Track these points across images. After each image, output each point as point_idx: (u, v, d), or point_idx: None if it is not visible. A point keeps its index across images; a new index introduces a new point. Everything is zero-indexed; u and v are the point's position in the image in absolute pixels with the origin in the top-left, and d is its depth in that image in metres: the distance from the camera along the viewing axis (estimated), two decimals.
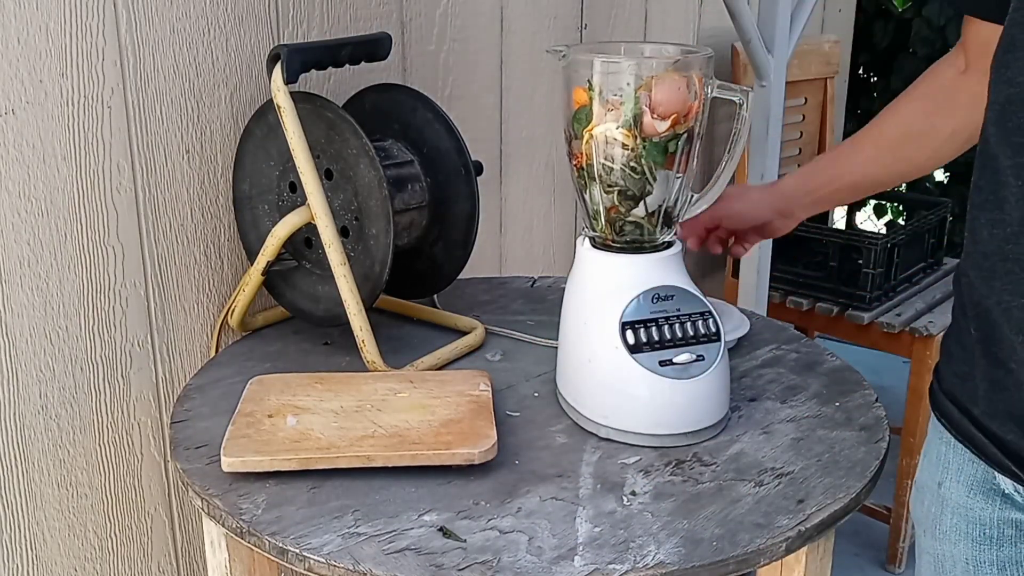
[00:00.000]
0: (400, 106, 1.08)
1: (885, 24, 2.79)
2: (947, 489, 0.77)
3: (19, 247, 0.93)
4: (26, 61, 0.90)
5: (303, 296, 1.05)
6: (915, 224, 2.07)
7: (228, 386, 0.96)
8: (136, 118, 1.00)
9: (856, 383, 0.97)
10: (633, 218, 0.88)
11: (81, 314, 0.99)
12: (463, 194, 1.06)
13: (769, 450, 0.85)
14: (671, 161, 0.85)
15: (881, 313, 1.93)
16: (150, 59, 1.00)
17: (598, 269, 0.88)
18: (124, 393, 1.05)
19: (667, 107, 0.83)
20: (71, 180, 0.96)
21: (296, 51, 0.95)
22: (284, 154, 0.99)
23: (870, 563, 2.06)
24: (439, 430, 0.82)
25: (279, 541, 0.71)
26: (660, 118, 0.83)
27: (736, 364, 1.00)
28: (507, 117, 1.48)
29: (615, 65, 0.84)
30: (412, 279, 1.12)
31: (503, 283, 1.27)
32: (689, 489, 0.78)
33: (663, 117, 0.83)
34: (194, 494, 0.79)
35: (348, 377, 0.92)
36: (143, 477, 1.09)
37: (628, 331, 0.83)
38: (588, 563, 0.69)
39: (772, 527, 0.73)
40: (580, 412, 0.88)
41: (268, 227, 1.01)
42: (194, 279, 1.09)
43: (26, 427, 0.97)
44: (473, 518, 0.74)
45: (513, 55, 1.46)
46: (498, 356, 1.04)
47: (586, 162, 0.87)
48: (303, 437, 0.81)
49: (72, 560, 1.04)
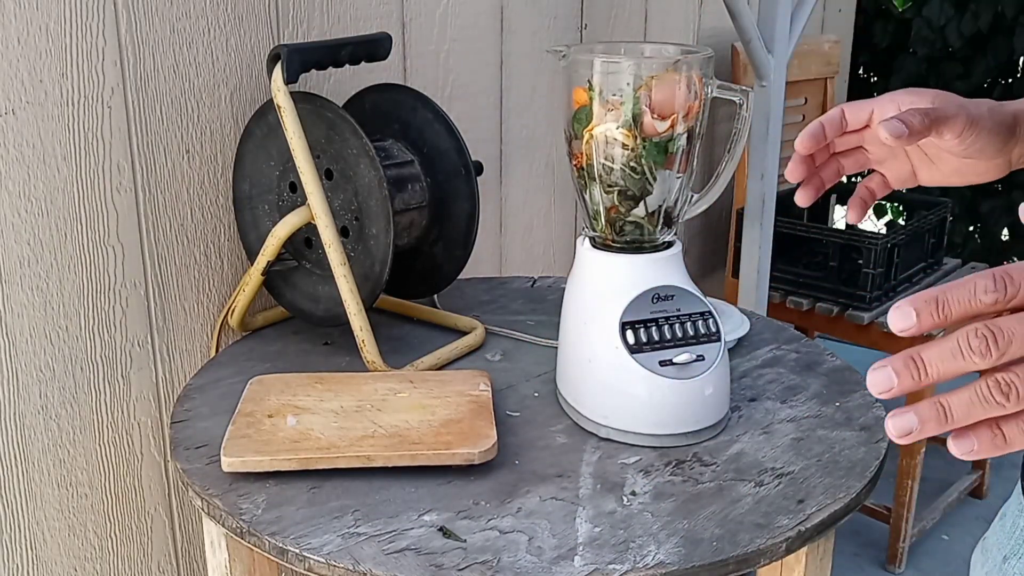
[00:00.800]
0: (400, 106, 1.08)
1: (885, 24, 2.79)
2: (1012, 567, 0.69)
3: (19, 247, 0.93)
4: (26, 61, 0.90)
5: (303, 296, 1.05)
6: (915, 224, 2.07)
7: (228, 386, 0.96)
8: (136, 118, 1.00)
9: (856, 383, 0.97)
10: (633, 218, 0.88)
11: (81, 314, 1.00)
12: (463, 194, 1.06)
13: (769, 450, 0.85)
14: (671, 161, 0.85)
15: (881, 313, 1.93)
16: (150, 59, 1.00)
17: (598, 269, 0.88)
18: (124, 393, 1.05)
19: (667, 107, 0.83)
20: (71, 180, 0.96)
21: (296, 51, 0.95)
22: (284, 154, 0.99)
23: (870, 563, 2.06)
24: (439, 430, 0.82)
25: (279, 541, 0.71)
26: (660, 118, 0.83)
27: (736, 364, 1.00)
28: (507, 117, 1.48)
29: (615, 65, 0.84)
30: (412, 279, 1.12)
31: (503, 283, 1.27)
32: (689, 489, 0.78)
33: (663, 117, 0.83)
34: (194, 494, 0.79)
35: (348, 377, 0.92)
36: (143, 477, 1.09)
37: (628, 331, 0.83)
38: (588, 563, 0.69)
39: (772, 527, 0.73)
40: (580, 412, 0.88)
41: (268, 227, 1.01)
42: (194, 279, 1.09)
43: (26, 427, 0.97)
44: (473, 518, 0.74)
45: (513, 55, 1.46)
46: (498, 356, 1.04)
47: (586, 162, 0.87)
48: (303, 437, 0.81)
49: (72, 560, 1.04)
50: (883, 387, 0.43)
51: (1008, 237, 3.02)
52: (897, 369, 0.43)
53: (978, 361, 0.42)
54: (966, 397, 0.43)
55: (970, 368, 0.43)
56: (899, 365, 0.43)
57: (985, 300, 0.42)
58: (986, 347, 0.42)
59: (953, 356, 0.42)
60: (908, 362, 0.43)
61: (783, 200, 1.91)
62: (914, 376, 0.43)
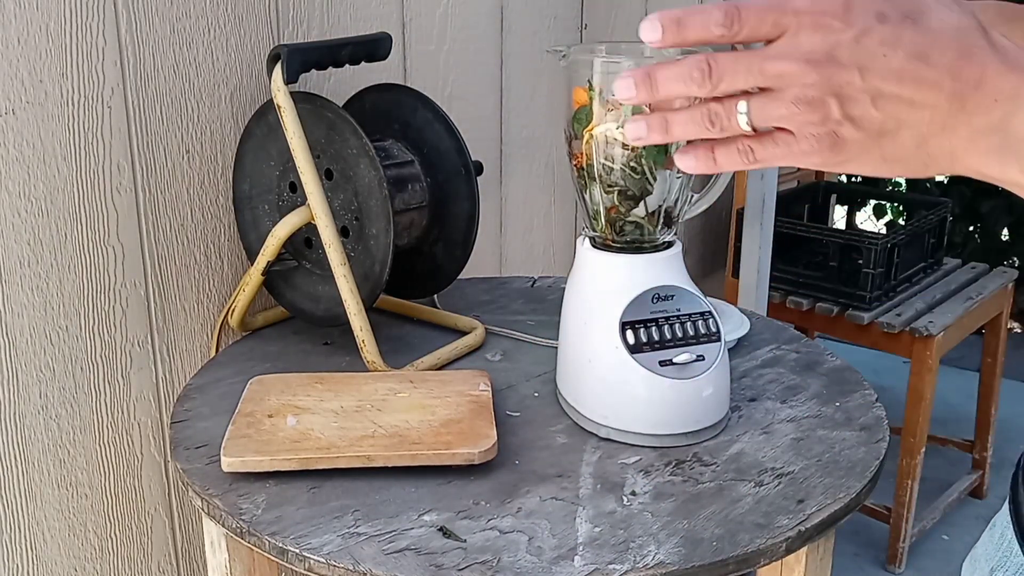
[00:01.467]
0: (400, 106, 1.08)
1: None
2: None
3: (19, 247, 0.93)
4: (26, 61, 0.90)
5: (303, 296, 1.05)
6: (915, 224, 2.07)
7: (228, 386, 0.96)
8: (136, 118, 1.00)
9: (856, 383, 0.97)
10: (633, 218, 0.88)
11: (81, 314, 1.00)
12: (463, 194, 1.06)
13: (769, 450, 0.85)
14: (671, 161, 0.85)
15: (881, 313, 1.93)
16: (150, 59, 1.00)
17: (598, 269, 0.88)
18: (124, 393, 1.05)
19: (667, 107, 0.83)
20: (71, 180, 0.96)
21: (296, 51, 0.95)
22: (284, 154, 0.99)
23: (870, 563, 2.06)
24: (439, 430, 0.82)
25: (279, 541, 0.71)
26: None
27: (736, 364, 1.00)
28: (507, 117, 1.48)
29: (615, 65, 0.84)
30: (412, 279, 1.12)
31: (503, 283, 1.27)
32: (689, 489, 0.78)
33: None
34: (194, 494, 0.79)
35: (348, 377, 0.92)
36: (143, 477, 1.09)
37: (628, 331, 0.83)
38: (588, 563, 0.69)
39: (772, 527, 0.73)
40: (580, 412, 0.88)
41: (268, 227, 1.01)
42: (194, 279, 1.09)
43: (26, 427, 0.97)
44: (473, 518, 0.74)
45: (513, 55, 1.46)
46: (498, 356, 1.04)
47: (586, 162, 0.87)
48: (303, 437, 0.81)
49: (72, 560, 1.04)
50: (625, 93, 0.51)
51: (1008, 237, 3.03)
52: (637, 79, 0.50)
53: (696, 89, 0.49)
54: (685, 116, 0.51)
55: (691, 92, 0.50)
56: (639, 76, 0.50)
57: (715, 32, 0.47)
58: (702, 77, 0.48)
59: (677, 79, 0.49)
60: (645, 77, 0.50)
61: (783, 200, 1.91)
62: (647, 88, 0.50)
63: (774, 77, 0.47)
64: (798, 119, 0.48)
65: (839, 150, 0.48)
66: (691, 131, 0.51)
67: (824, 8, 0.47)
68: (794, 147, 0.49)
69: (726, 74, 0.48)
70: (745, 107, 0.49)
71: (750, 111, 0.49)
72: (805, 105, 0.47)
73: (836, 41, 0.46)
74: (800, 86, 0.47)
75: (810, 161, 0.49)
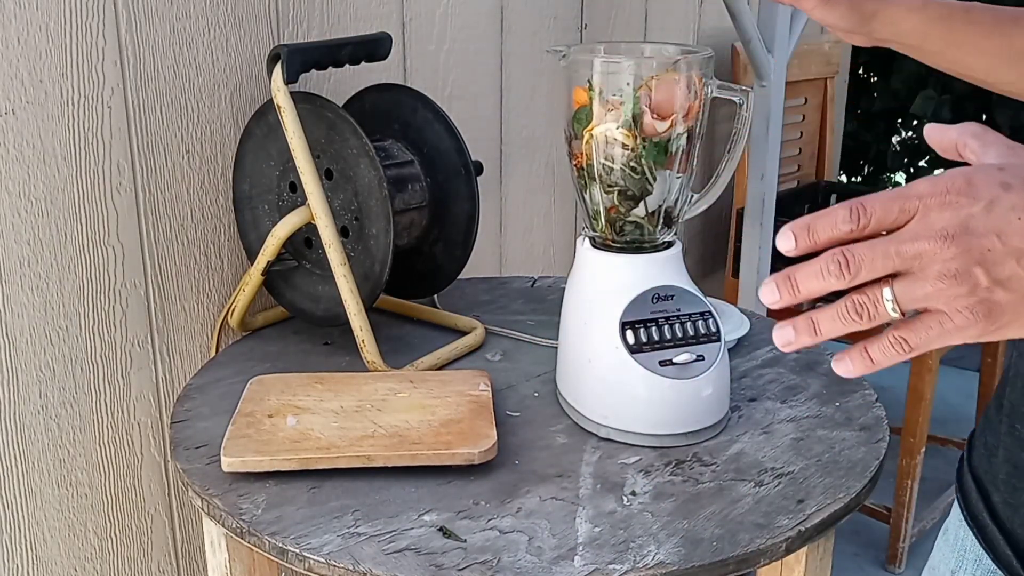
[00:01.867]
0: (400, 106, 1.08)
1: None
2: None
3: (19, 247, 0.93)
4: (26, 61, 0.90)
5: (303, 296, 1.05)
6: None
7: (228, 386, 0.96)
8: (136, 118, 1.00)
9: (856, 383, 0.97)
10: (633, 218, 0.88)
11: (81, 314, 1.00)
12: (463, 194, 1.06)
13: (769, 450, 0.85)
14: (671, 161, 0.85)
15: None
16: (150, 59, 1.00)
17: (598, 269, 0.88)
18: (124, 393, 1.05)
19: (667, 107, 0.83)
20: (71, 180, 0.96)
21: (296, 51, 0.95)
22: (284, 154, 0.99)
23: (870, 563, 2.06)
24: (439, 430, 0.82)
25: (279, 541, 0.71)
26: (660, 118, 0.83)
27: (736, 364, 1.00)
28: (507, 117, 1.48)
29: (615, 65, 0.84)
30: (412, 279, 1.12)
31: (503, 283, 1.27)
32: (689, 489, 0.78)
33: (663, 117, 0.83)
34: (194, 494, 0.79)
35: (348, 377, 0.92)
36: (143, 477, 1.09)
37: (628, 331, 0.83)
38: (588, 563, 0.69)
39: (772, 527, 0.73)
40: (580, 412, 0.88)
41: (268, 227, 1.01)
42: (194, 279, 1.09)
43: (26, 427, 0.97)
44: (473, 518, 0.74)
45: (513, 55, 1.46)
46: (498, 356, 1.04)
47: (586, 162, 0.87)
48: (303, 437, 0.81)
49: (72, 560, 1.04)
50: (770, 299, 0.50)
51: None
52: (778, 283, 0.50)
53: (835, 282, 0.48)
54: (830, 313, 0.50)
55: (830, 287, 0.49)
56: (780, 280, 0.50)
57: (843, 229, 0.48)
58: (839, 269, 0.48)
59: (815, 276, 0.49)
60: (784, 280, 0.50)
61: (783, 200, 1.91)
62: (789, 291, 0.50)
63: (912, 258, 0.47)
64: (946, 294, 0.47)
65: (995, 316, 0.47)
66: (839, 327, 0.50)
67: (947, 187, 0.47)
68: (947, 324, 0.48)
69: (864, 263, 0.48)
70: (890, 293, 0.48)
71: (896, 295, 0.48)
72: (951, 279, 0.46)
73: (968, 214, 0.46)
74: (941, 262, 0.46)
75: (967, 335, 0.48)
